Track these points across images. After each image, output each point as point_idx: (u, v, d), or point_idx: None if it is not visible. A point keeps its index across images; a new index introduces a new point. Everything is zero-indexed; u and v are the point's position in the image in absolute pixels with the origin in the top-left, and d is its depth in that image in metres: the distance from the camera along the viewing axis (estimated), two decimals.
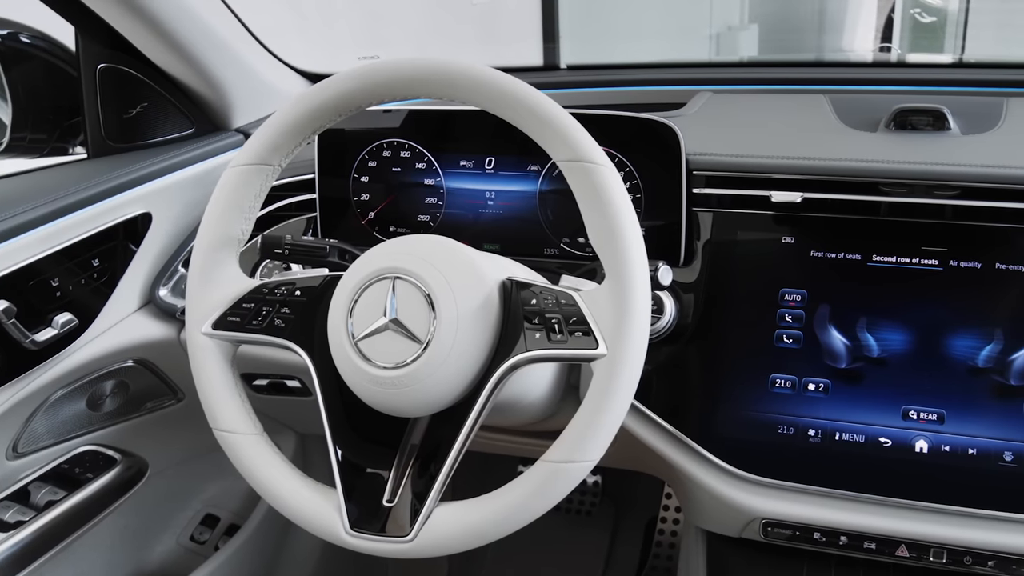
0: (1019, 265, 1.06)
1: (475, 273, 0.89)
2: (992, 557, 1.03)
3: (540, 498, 0.86)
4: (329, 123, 0.95)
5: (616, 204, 0.86)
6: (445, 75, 0.90)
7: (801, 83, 1.44)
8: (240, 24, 1.49)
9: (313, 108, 0.94)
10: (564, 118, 0.88)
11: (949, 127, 1.16)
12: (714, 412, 1.12)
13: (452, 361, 0.85)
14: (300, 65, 1.68)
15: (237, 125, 1.54)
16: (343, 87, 0.93)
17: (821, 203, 1.12)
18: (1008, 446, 1.03)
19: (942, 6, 5.18)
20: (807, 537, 1.09)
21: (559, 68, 1.63)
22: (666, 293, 1.14)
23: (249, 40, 1.52)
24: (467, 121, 1.26)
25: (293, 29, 2.76)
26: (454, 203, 1.26)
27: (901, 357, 1.07)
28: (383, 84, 0.92)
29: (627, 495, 2.01)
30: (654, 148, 1.17)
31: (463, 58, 0.90)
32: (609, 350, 0.84)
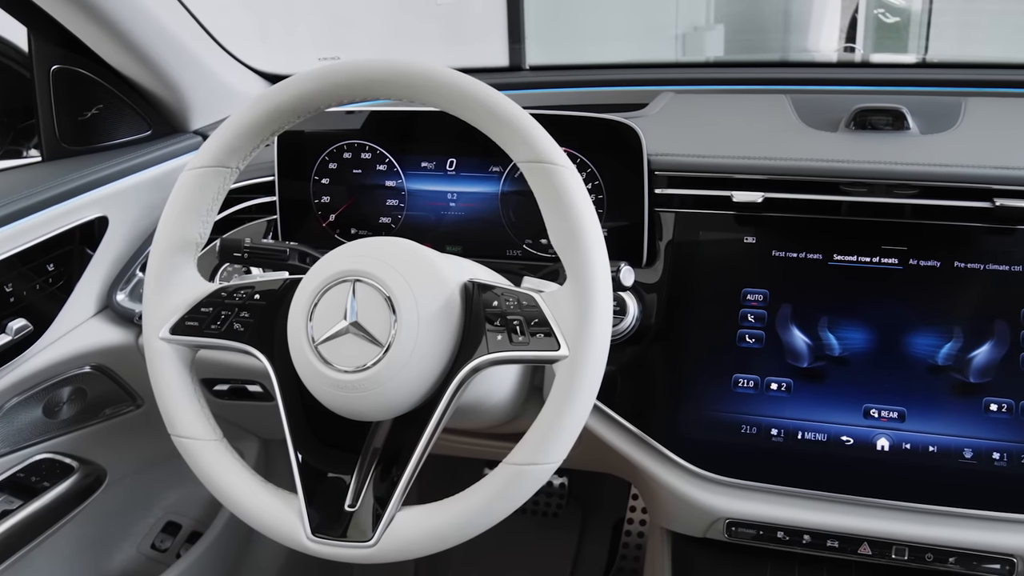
0: (977, 263, 1.07)
1: (436, 275, 0.89)
2: (953, 553, 1.04)
3: (503, 501, 0.86)
4: (288, 124, 0.95)
5: (577, 205, 0.86)
6: (404, 76, 0.89)
7: (763, 83, 1.45)
8: (198, 25, 1.48)
9: (271, 109, 0.93)
10: (524, 119, 0.88)
11: (908, 127, 1.18)
12: (677, 412, 1.13)
13: (413, 364, 0.85)
14: (261, 67, 1.67)
15: (196, 127, 1.53)
16: (302, 88, 0.92)
17: (782, 203, 1.14)
18: (968, 443, 1.04)
19: (905, 6, 5.24)
20: (771, 536, 1.10)
21: (522, 69, 1.63)
22: (629, 294, 1.15)
23: (207, 41, 1.51)
24: (429, 122, 1.26)
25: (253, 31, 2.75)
26: (416, 205, 1.26)
27: (862, 356, 1.09)
28: (342, 85, 0.92)
29: (594, 497, 2.01)
30: (616, 149, 1.18)
31: (424, 59, 0.90)
32: (571, 351, 0.85)
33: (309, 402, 0.90)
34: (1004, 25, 4.90)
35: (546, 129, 0.89)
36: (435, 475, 1.60)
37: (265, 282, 0.97)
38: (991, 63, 1.47)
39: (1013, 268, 1.06)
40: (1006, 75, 1.42)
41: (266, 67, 1.68)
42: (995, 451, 1.03)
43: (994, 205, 1.07)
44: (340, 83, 0.91)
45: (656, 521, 1.25)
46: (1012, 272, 1.06)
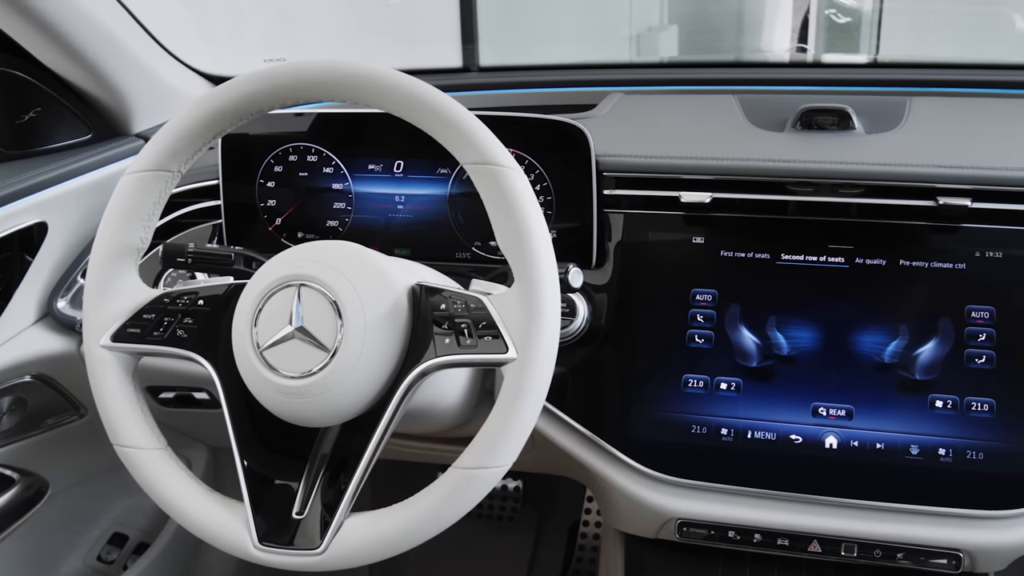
0: (922, 261, 1.09)
1: (383, 279, 0.89)
2: (901, 549, 1.06)
3: (452, 505, 0.86)
4: (230, 127, 0.94)
5: (523, 207, 0.87)
6: (348, 78, 0.89)
7: (711, 83, 1.47)
8: (139, 26, 1.46)
9: (213, 112, 0.93)
10: (469, 120, 0.88)
11: (853, 126, 1.20)
12: (628, 414, 1.14)
13: (360, 369, 0.85)
14: (208, 68, 1.66)
15: (138, 130, 1.51)
16: (244, 90, 0.92)
17: (730, 203, 1.15)
18: (914, 440, 1.06)
19: (857, 7, 5.32)
20: (722, 536, 1.11)
21: (471, 70, 1.64)
22: (578, 295, 1.15)
23: (148, 42, 1.49)
24: (376, 124, 1.25)
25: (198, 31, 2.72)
26: (363, 208, 1.26)
27: (810, 355, 1.10)
28: (286, 87, 0.91)
29: (549, 499, 2.02)
30: (564, 150, 1.18)
31: (370, 60, 0.90)
32: (519, 354, 0.85)
33: (255, 408, 0.90)
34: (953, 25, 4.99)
35: (494, 131, 0.89)
36: (390, 480, 1.60)
37: (209, 287, 0.96)
38: (935, 63, 1.50)
39: (956, 266, 1.09)
40: (950, 75, 1.45)
41: (213, 68, 1.67)
42: (941, 447, 1.05)
43: (937, 204, 1.09)
44: (283, 85, 0.91)
45: (609, 523, 1.26)
46: (956, 270, 1.08)
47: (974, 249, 1.09)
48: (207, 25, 2.92)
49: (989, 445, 1.04)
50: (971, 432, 1.05)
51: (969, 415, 1.05)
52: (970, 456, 1.04)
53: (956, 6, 5.04)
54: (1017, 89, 1.42)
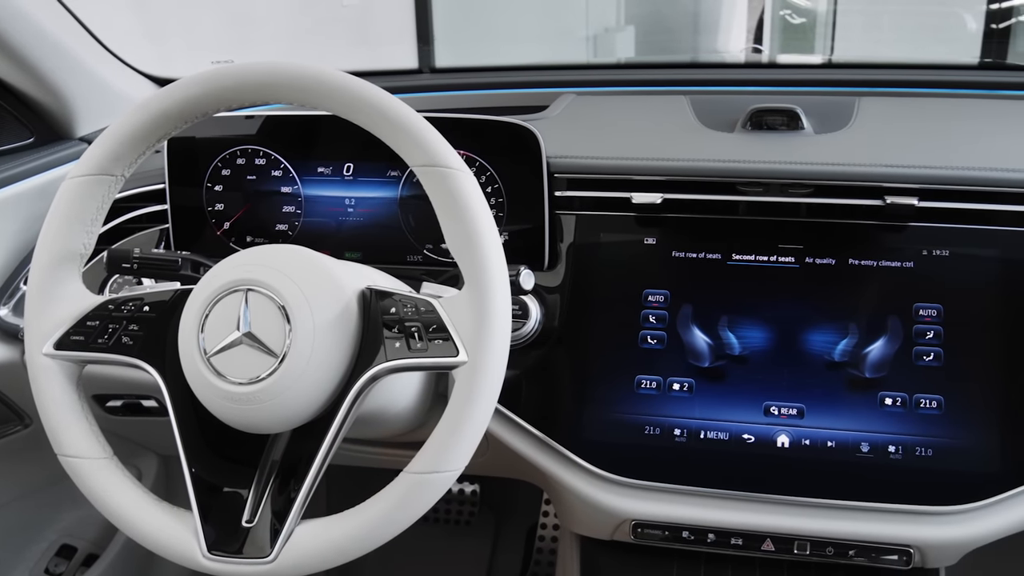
0: (871, 260, 1.11)
1: (332, 283, 0.89)
2: (853, 546, 1.08)
3: (404, 511, 0.86)
4: (175, 130, 0.94)
5: (472, 209, 0.87)
6: (295, 80, 0.89)
7: (663, 84, 1.48)
8: (81, 27, 1.44)
9: (156, 115, 0.92)
10: (417, 122, 0.88)
11: (802, 126, 1.21)
12: (582, 415, 1.14)
13: (310, 374, 0.85)
14: (159, 70, 1.64)
15: (81, 134, 1.49)
16: (188, 93, 0.91)
17: (681, 204, 1.16)
18: (864, 437, 1.08)
19: (811, 7, 5.39)
20: (676, 536, 1.12)
21: (422, 71, 1.64)
22: (531, 297, 1.16)
23: (92, 44, 1.47)
24: (325, 127, 1.25)
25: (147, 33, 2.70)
26: (313, 211, 1.26)
27: (762, 354, 1.12)
28: (231, 89, 0.91)
29: (507, 503, 2.02)
30: (515, 152, 1.19)
31: (318, 62, 0.90)
32: (469, 357, 0.85)
33: (203, 416, 0.89)
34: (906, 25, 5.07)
35: (444, 133, 0.89)
36: (345, 486, 1.59)
37: (155, 293, 0.96)
38: (884, 63, 1.53)
39: (905, 264, 1.10)
40: (898, 75, 1.48)
41: (162, 70, 1.65)
42: (891, 444, 1.07)
43: (885, 203, 1.11)
44: (228, 87, 0.91)
45: (565, 525, 1.26)
46: (904, 268, 1.10)
47: (921, 248, 1.11)
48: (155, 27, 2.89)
49: (938, 442, 1.06)
50: (920, 429, 1.07)
51: (918, 412, 1.07)
52: (919, 453, 1.06)
53: (909, 6, 5.12)
54: (964, 89, 1.45)
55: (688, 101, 1.32)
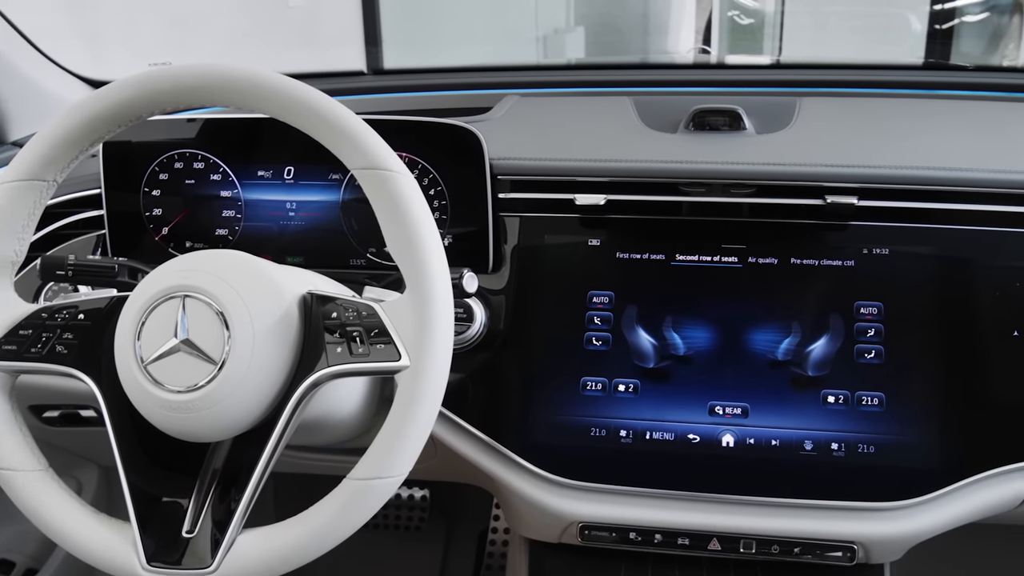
0: (812, 259, 1.13)
1: (272, 287, 0.88)
2: (798, 544, 1.09)
3: (347, 518, 0.86)
4: (109, 134, 0.92)
5: (413, 212, 0.87)
6: (231, 82, 0.89)
7: (607, 85, 1.49)
8: (13, 29, 1.42)
9: (90, 118, 0.91)
10: (356, 125, 0.88)
11: (744, 127, 1.22)
12: (528, 418, 1.14)
13: (250, 381, 0.84)
14: (92, 73, 1.62)
15: (14, 138, 1.47)
16: (122, 96, 0.90)
17: (624, 205, 1.17)
18: (808, 435, 1.09)
19: (759, 8, 5.45)
20: (624, 537, 1.13)
21: (365, 73, 1.63)
22: (475, 300, 1.16)
23: (24, 46, 1.45)
24: (264, 130, 1.24)
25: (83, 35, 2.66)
26: (254, 215, 1.25)
27: (706, 354, 1.13)
28: (165, 92, 0.90)
29: (457, 507, 2.02)
30: (458, 154, 1.19)
31: (256, 64, 0.89)
32: (412, 361, 0.85)
33: (141, 425, 0.88)
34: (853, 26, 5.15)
35: (386, 135, 0.89)
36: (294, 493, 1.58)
37: (90, 300, 0.94)
38: (825, 64, 1.55)
39: (846, 263, 1.12)
40: (839, 75, 1.50)
41: (100, 72, 1.63)
42: (833, 442, 1.08)
43: (826, 202, 1.13)
44: (162, 90, 0.90)
45: (513, 528, 1.26)
46: (845, 267, 1.12)
47: (862, 246, 1.12)
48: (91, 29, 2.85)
49: (879, 438, 1.08)
50: (862, 426, 1.08)
51: (860, 409, 1.09)
52: (862, 450, 1.08)
53: (856, 7, 5.20)
54: (905, 89, 1.48)
55: (632, 102, 1.33)
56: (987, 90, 1.45)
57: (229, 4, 4.11)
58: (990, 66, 3.90)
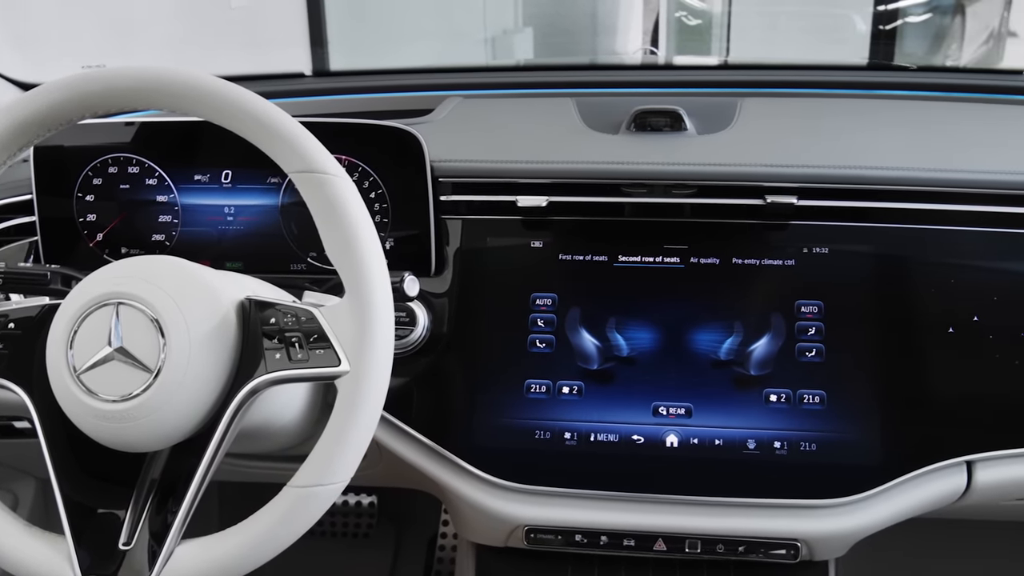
0: (753, 259, 1.14)
1: (208, 294, 0.87)
2: (742, 542, 1.10)
3: (288, 526, 0.85)
4: (38, 138, 0.91)
5: (351, 215, 0.87)
6: (163, 85, 0.88)
7: (550, 86, 1.50)
8: None
9: (17, 122, 0.90)
10: (292, 127, 0.88)
11: (685, 127, 1.23)
12: (472, 422, 1.15)
13: (186, 389, 0.83)
14: (26, 76, 1.60)
15: None
16: (51, 99, 0.89)
17: (567, 206, 1.18)
18: (751, 434, 1.11)
19: (707, 9, 5.50)
20: (569, 540, 1.13)
21: (305, 75, 1.63)
22: (418, 303, 1.16)
23: None
24: (201, 133, 1.23)
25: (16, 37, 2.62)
26: (191, 220, 1.23)
27: (649, 355, 1.14)
28: (96, 95, 0.89)
29: (406, 513, 2.02)
30: (399, 156, 1.18)
31: (188, 66, 0.89)
32: (352, 366, 0.85)
33: (75, 435, 0.87)
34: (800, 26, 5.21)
35: (325, 138, 0.89)
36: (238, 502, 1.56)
37: (20, 309, 0.93)
38: (766, 64, 1.57)
39: (786, 263, 1.14)
40: (780, 76, 1.52)
41: (32, 75, 1.60)
42: (776, 440, 1.10)
43: (766, 202, 1.14)
44: (93, 93, 0.89)
45: (460, 533, 1.26)
46: (785, 266, 1.14)
47: (802, 245, 1.14)
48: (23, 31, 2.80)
49: (821, 436, 1.10)
50: (804, 424, 1.10)
51: (802, 408, 1.10)
52: (804, 448, 1.09)
53: (802, 8, 5.26)
54: (846, 89, 1.50)
55: (574, 103, 1.34)
56: (929, 90, 1.47)
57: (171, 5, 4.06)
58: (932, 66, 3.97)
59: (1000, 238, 1.13)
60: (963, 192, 1.14)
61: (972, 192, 1.14)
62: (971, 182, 1.14)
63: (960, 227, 1.14)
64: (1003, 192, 1.14)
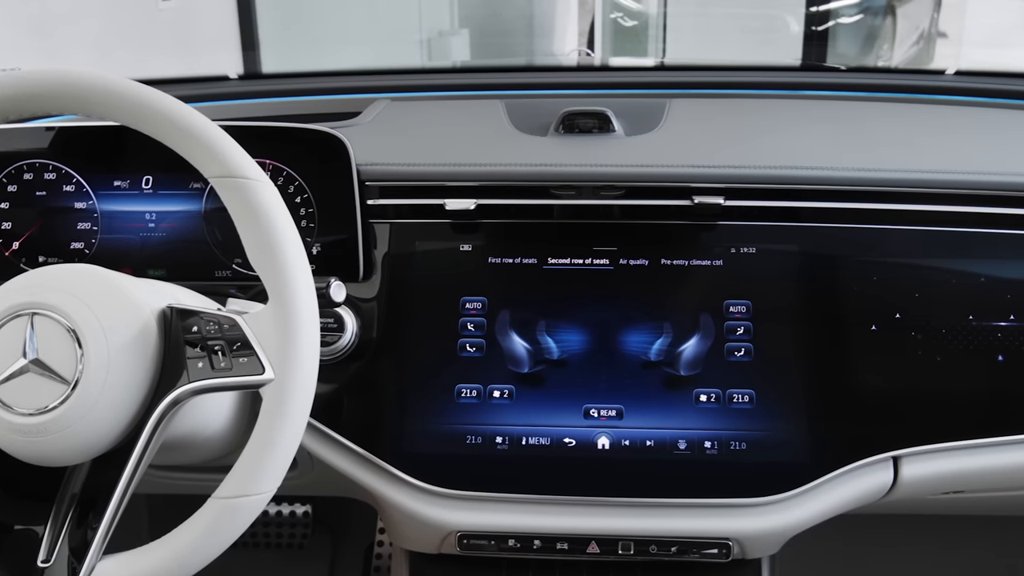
0: (682, 260, 1.16)
1: (127, 302, 0.86)
2: (674, 543, 1.11)
3: (213, 538, 0.84)
4: None
5: (273, 220, 0.86)
6: (76, 89, 0.86)
7: (480, 88, 1.51)
8: None
9: None
10: (210, 131, 0.87)
11: (613, 129, 1.24)
12: (402, 428, 1.14)
13: (105, 401, 0.82)
14: None
15: None
16: None
17: (495, 209, 1.18)
18: (682, 435, 1.12)
19: (643, 10, 5.55)
20: (503, 545, 1.13)
21: (230, 78, 1.61)
22: (346, 309, 1.15)
23: None
24: (120, 138, 1.21)
25: None
26: (111, 228, 1.21)
27: (580, 357, 1.14)
28: (6, 99, 0.87)
29: (342, 522, 2.01)
30: (324, 160, 1.18)
31: (101, 69, 0.87)
32: (276, 374, 0.85)
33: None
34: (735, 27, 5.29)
35: (249, 142, 0.88)
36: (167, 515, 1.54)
37: None
38: (695, 65, 1.59)
39: (714, 263, 1.15)
40: (710, 76, 1.54)
41: None
42: (706, 440, 1.11)
43: (693, 203, 1.16)
44: (3, 97, 0.87)
45: (393, 541, 1.26)
46: (713, 266, 1.15)
47: (730, 246, 1.16)
48: None
49: (751, 435, 1.11)
50: (734, 423, 1.11)
51: (731, 407, 1.12)
52: (734, 447, 1.11)
53: (737, 9, 5.34)
54: (775, 90, 1.53)
55: (503, 105, 1.34)
56: (857, 90, 1.51)
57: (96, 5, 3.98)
58: (862, 67, 4.06)
59: (921, 236, 1.16)
60: (885, 191, 1.17)
61: (894, 191, 1.16)
62: (893, 181, 1.17)
63: (882, 225, 1.16)
64: (924, 191, 1.16)
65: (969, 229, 1.16)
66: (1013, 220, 1.15)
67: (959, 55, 5.19)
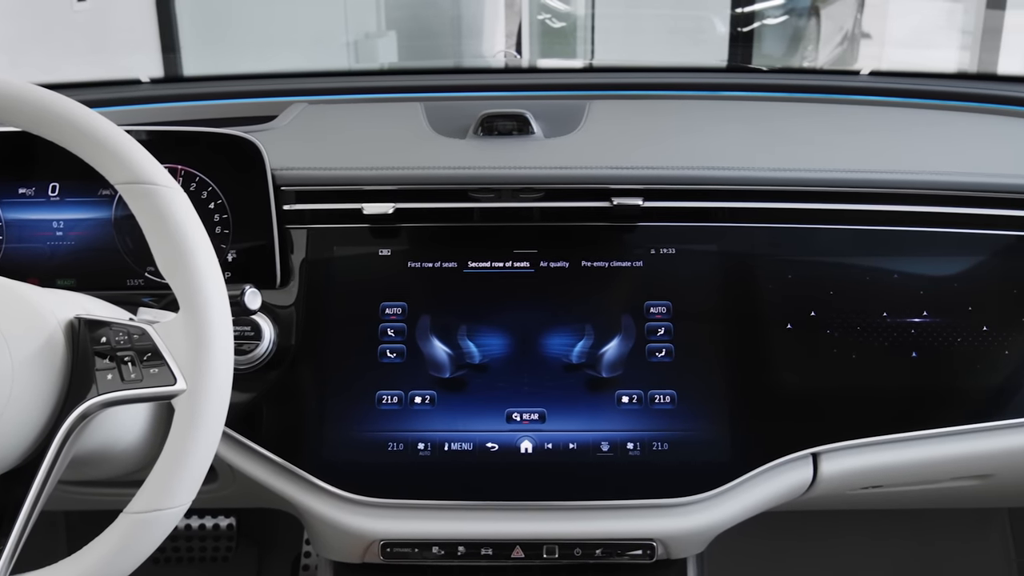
0: (602, 261, 1.17)
1: (31, 313, 0.85)
2: (599, 545, 1.12)
3: (125, 555, 0.83)
4: None
5: (183, 227, 0.85)
6: None
7: (399, 91, 1.50)
8: None
9: None
10: (116, 136, 0.86)
11: (532, 131, 1.25)
12: (323, 437, 1.13)
13: (10, 416, 0.81)
14: None
15: None
16: None
17: (415, 213, 1.18)
18: (604, 436, 1.13)
19: (571, 11, 5.59)
20: (426, 553, 1.13)
21: (141, 82, 1.59)
22: (263, 316, 1.14)
23: None
24: (24, 143, 1.18)
25: None
26: (16, 236, 1.18)
27: (502, 361, 1.15)
28: None
29: (267, 534, 1.98)
30: (238, 165, 1.16)
31: None
32: (188, 384, 0.84)
33: None
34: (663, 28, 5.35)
35: (161, 147, 0.88)
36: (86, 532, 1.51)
37: None
38: (615, 67, 1.61)
39: (634, 264, 1.17)
40: (630, 78, 1.55)
41: None
42: (629, 441, 1.12)
43: (612, 204, 1.17)
44: None
45: (317, 551, 1.25)
46: (633, 268, 1.17)
47: (649, 247, 1.17)
48: None
49: (672, 435, 1.12)
50: (655, 424, 1.13)
51: (653, 408, 1.13)
52: (656, 448, 1.12)
53: (666, 11, 5.40)
54: (696, 91, 1.54)
55: (422, 108, 1.34)
56: (778, 91, 1.52)
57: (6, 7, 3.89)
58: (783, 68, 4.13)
59: (835, 234, 1.18)
60: (798, 190, 1.19)
61: (809, 190, 1.19)
62: (804, 180, 1.19)
63: (796, 224, 1.18)
64: (835, 190, 1.19)
65: (881, 227, 1.18)
66: (923, 217, 1.19)
67: (882, 56, 5.31)
